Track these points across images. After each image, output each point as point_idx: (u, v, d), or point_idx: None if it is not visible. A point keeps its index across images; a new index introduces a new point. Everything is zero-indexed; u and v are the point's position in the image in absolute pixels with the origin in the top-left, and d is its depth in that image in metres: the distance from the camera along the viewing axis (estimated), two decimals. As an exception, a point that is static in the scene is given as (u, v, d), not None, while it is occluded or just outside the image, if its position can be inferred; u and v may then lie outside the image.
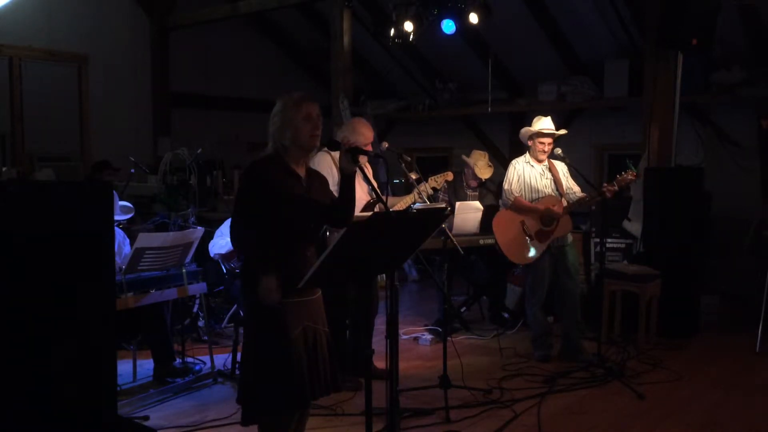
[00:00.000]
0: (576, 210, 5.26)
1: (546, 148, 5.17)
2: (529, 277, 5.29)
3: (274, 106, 2.94)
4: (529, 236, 5.15)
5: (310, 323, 2.87)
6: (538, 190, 5.19)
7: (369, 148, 4.31)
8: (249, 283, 2.85)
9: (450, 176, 5.10)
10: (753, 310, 5.65)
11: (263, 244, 2.79)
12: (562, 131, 5.32)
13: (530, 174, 5.22)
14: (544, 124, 5.20)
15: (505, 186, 5.23)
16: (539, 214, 5.11)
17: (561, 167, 5.28)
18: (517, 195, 5.17)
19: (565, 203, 5.14)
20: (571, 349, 5.19)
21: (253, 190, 2.81)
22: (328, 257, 2.45)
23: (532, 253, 5.15)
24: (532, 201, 5.17)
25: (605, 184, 4.99)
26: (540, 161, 5.23)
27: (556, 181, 5.21)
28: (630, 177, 4.99)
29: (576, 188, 5.28)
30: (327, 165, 4.28)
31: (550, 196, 5.18)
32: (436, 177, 4.95)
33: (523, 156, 5.32)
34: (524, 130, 5.30)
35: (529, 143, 5.25)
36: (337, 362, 3.00)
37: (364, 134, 4.39)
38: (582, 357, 5.10)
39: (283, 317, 2.77)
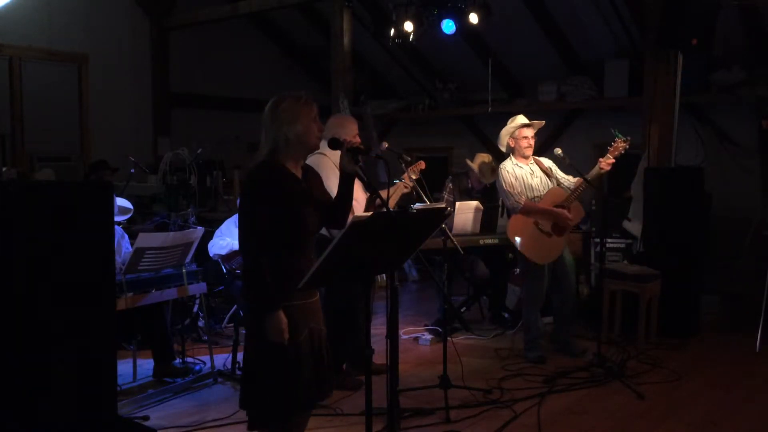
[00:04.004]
0: (581, 198, 5.19)
1: (531, 142, 5.13)
2: (528, 280, 5.26)
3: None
4: (547, 233, 5.11)
5: (315, 324, 2.87)
6: (533, 189, 5.16)
7: (357, 138, 4.28)
8: (246, 285, 2.83)
9: (422, 165, 4.95)
10: (753, 310, 5.65)
11: (273, 273, 2.68)
12: (541, 122, 5.23)
13: (521, 175, 5.17)
14: (519, 117, 5.18)
15: (508, 190, 5.13)
16: (554, 211, 5.06)
17: (547, 162, 5.24)
18: (524, 198, 5.09)
19: (566, 192, 5.11)
20: (563, 343, 5.32)
21: (266, 195, 2.71)
22: (328, 257, 2.45)
23: (558, 249, 5.12)
24: (532, 200, 5.15)
25: (600, 159, 4.96)
26: (526, 158, 5.18)
27: (548, 176, 5.19)
28: (622, 144, 4.92)
29: (570, 178, 5.22)
30: (327, 167, 4.26)
31: (549, 191, 5.15)
32: (411, 168, 4.74)
33: (507, 159, 5.25)
34: (503, 131, 5.24)
35: (511, 144, 5.20)
36: (334, 362, 2.99)
37: (351, 128, 4.46)
38: (574, 350, 5.25)
39: (290, 321, 2.74)
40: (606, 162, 4.93)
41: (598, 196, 5.50)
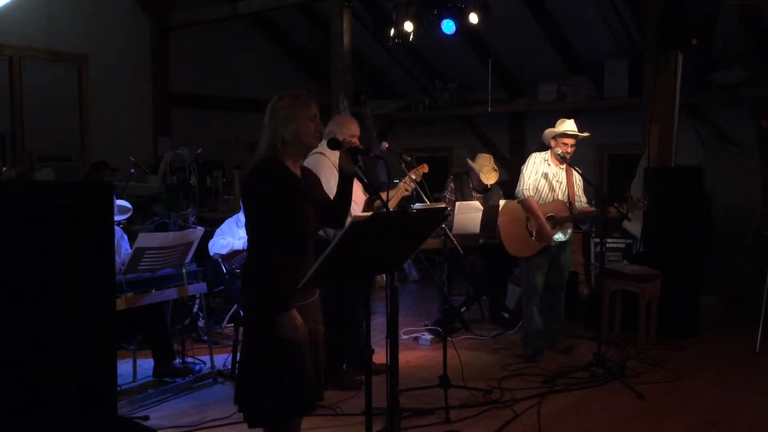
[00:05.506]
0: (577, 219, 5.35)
1: (569, 150, 5.21)
2: (527, 273, 5.31)
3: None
4: (530, 233, 5.21)
5: (314, 325, 2.86)
6: (543, 191, 5.23)
7: (356, 140, 4.29)
8: (253, 284, 2.82)
9: (425, 168, 4.94)
10: (753, 310, 5.65)
11: (284, 267, 2.66)
12: (586, 134, 5.32)
13: (544, 172, 5.24)
14: (568, 125, 5.24)
15: (524, 177, 5.25)
16: (542, 221, 5.12)
17: (577, 177, 5.30)
18: (530, 194, 5.19)
19: (568, 213, 5.20)
20: (549, 339, 5.41)
21: (270, 190, 2.70)
22: (328, 257, 2.44)
23: (530, 250, 5.22)
24: (537, 201, 5.20)
25: (616, 204, 5.04)
26: (560, 162, 5.25)
27: (569, 188, 5.25)
28: (641, 204, 5.13)
29: (584, 199, 5.35)
30: (326, 167, 4.26)
31: (556, 201, 5.22)
32: (414, 171, 4.68)
33: (544, 152, 5.34)
34: (548, 131, 5.31)
35: (552, 144, 5.27)
36: (334, 361, 2.98)
37: (349, 128, 4.45)
38: (559, 346, 5.40)
39: None
40: (617, 211, 5.03)
41: (598, 197, 5.52)
